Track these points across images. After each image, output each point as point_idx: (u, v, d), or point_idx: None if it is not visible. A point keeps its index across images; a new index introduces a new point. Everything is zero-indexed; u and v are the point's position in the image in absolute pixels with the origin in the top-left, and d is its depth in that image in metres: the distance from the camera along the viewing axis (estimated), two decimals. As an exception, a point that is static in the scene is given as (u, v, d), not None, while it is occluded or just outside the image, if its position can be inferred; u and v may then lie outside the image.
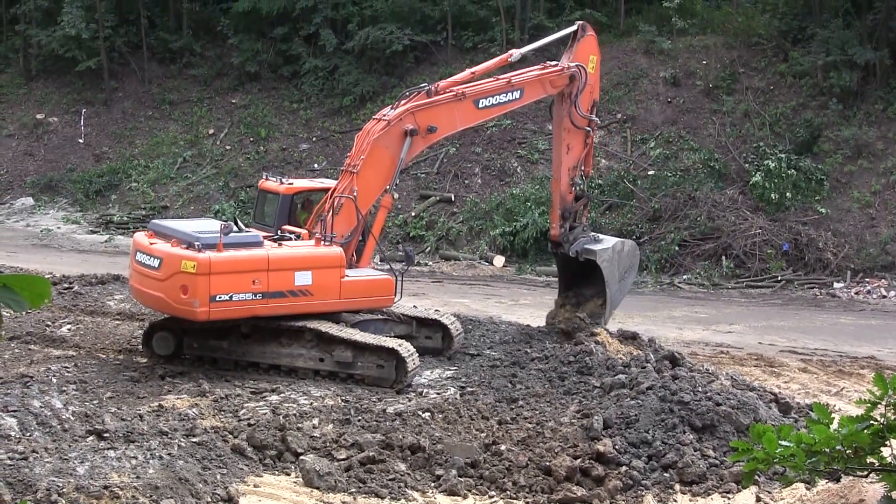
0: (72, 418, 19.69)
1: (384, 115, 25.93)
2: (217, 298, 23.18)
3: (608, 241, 28.49)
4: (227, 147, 52.91)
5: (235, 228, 24.66)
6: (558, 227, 28.06)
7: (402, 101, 26.22)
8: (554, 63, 27.70)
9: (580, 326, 27.21)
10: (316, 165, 49.20)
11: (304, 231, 25.65)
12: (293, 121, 53.28)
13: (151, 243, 24.13)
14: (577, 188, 28.32)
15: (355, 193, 25.26)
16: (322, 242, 24.76)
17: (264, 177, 28.47)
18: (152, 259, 23.77)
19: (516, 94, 26.96)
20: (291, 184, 27.48)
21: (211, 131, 54.11)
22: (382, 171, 25.63)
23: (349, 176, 25.56)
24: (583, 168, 28.37)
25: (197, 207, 48.99)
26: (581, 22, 28.47)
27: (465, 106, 26.32)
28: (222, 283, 23.24)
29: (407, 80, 51.84)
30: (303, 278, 24.19)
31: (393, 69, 52.99)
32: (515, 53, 27.76)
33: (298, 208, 27.13)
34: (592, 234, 28.77)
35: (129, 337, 27.41)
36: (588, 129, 28.00)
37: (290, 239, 25.24)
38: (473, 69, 27.75)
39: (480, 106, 26.56)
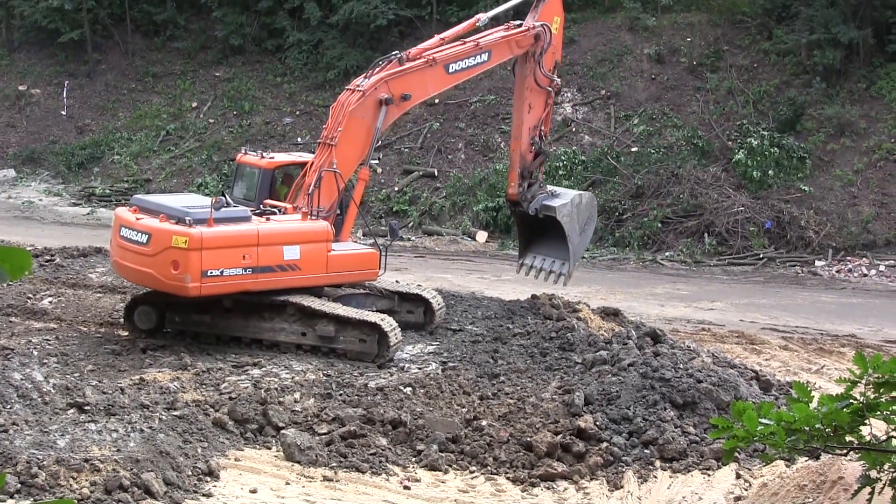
0: (52, 391, 19.64)
1: (358, 86, 25.86)
2: (208, 274, 23.06)
3: (566, 196, 28.50)
4: (211, 120, 52.78)
5: (226, 203, 24.64)
6: (516, 186, 28.18)
7: (375, 70, 26.15)
8: (518, 23, 27.87)
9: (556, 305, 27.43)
10: (299, 139, 49.13)
11: (288, 206, 25.57)
12: (277, 94, 53.15)
13: (138, 219, 23.89)
14: (536, 147, 28.32)
15: (335, 166, 25.23)
16: (309, 217, 24.72)
17: (243, 151, 28.42)
18: (140, 234, 23.52)
19: (484, 57, 27.07)
20: (272, 158, 27.43)
21: (194, 104, 53.97)
22: (359, 142, 25.65)
23: (327, 149, 25.50)
24: (542, 128, 28.41)
25: (180, 181, 48.90)
26: None
27: (436, 72, 26.43)
28: (213, 259, 23.10)
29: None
30: (291, 253, 24.14)
31: (377, 43, 52.79)
32: (482, 17, 27.81)
33: (279, 183, 27.08)
34: (550, 189, 28.84)
35: (110, 310, 27.38)
36: (550, 89, 28.15)
37: (275, 213, 25.18)
38: (442, 35, 27.72)
39: (451, 70, 26.68)
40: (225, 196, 25.85)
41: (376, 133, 25.71)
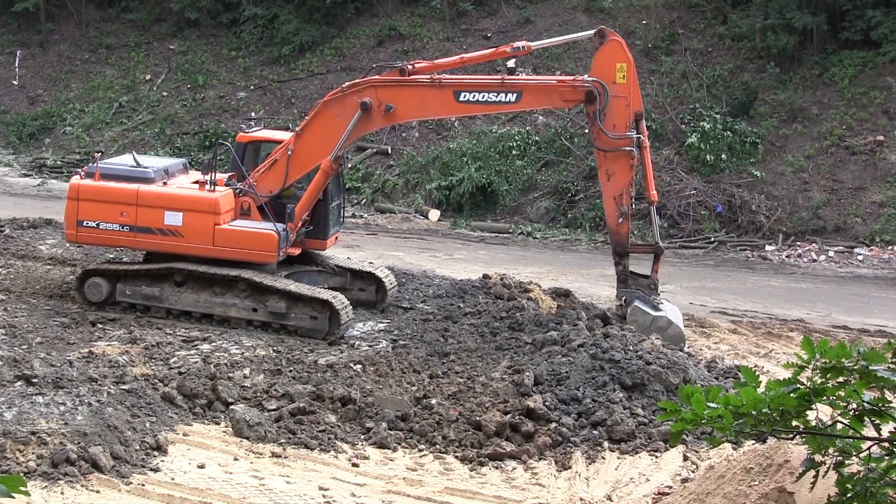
0: (0, 363, 19.55)
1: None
2: (84, 224, 24.78)
3: (661, 311, 24.51)
4: (164, 93, 52.47)
5: (132, 162, 25.79)
6: (615, 265, 25.34)
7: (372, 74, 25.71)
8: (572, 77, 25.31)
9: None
10: (253, 114, 48.91)
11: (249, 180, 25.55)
12: (231, 69, 52.86)
13: None
14: (624, 217, 24.62)
15: (290, 153, 25.10)
16: (205, 187, 24.84)
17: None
18: None
19: (511, 97, 24.50)
20: (246, 132, 27.25)
21: (148, 77, 53.62)
22: (326, 137, 25.02)
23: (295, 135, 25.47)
24: (634, 194, 24.83)
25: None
26: (601, 27, 25.67)
27: (442, 95, 24.70)
28: (89, 210, 24.72)
29: (347, 31, 51.59)
30: (172, 218, 24.73)
31: (333, 19, 52.64)
32: (518, 44, 25.59)
33: (256, 157, 26.60)
34: (659, 299, 24.98)
35: (60, 282, 27.24)
36: (630, 149, 24.22)
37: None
38: (464, 56, 26.67)
39: (461, 99, 24.68)
40: (135, 157, 26.05)
41: (346, 134, 24.91)
